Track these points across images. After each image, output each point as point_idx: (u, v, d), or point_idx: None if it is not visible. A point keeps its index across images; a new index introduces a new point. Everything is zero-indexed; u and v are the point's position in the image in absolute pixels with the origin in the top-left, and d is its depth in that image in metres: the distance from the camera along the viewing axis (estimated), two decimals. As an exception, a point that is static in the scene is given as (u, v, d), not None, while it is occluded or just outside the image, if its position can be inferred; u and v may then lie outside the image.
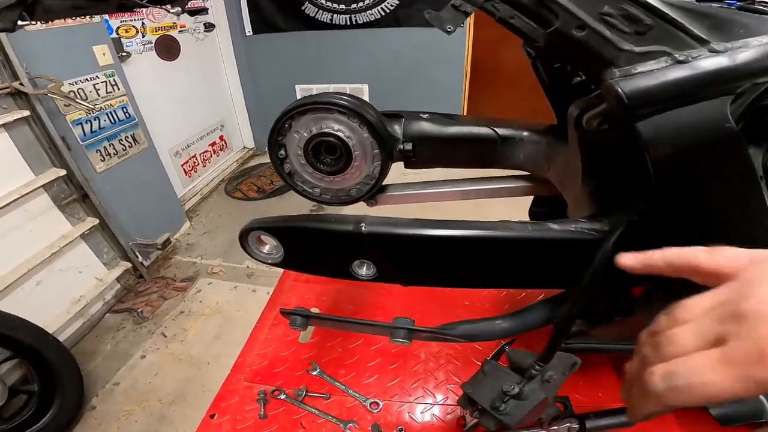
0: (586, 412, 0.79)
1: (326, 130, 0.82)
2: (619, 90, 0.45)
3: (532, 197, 0.98)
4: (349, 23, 3.75)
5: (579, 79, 0.86)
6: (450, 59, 3.76)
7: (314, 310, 1.14)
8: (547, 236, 0.53)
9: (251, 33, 4.01)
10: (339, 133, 0.82)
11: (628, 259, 0.38)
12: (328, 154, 0.84)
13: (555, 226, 0.53)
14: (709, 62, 0.44)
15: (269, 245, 0.65)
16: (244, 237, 0.63)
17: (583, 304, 0.51)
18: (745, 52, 0.44)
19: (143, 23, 3.04)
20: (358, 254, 0.59)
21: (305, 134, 0.84)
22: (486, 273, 0.59)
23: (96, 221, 2.42)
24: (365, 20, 3.70)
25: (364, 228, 0.55)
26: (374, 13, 3.66)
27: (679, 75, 0.45)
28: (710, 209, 0.46)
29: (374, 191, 0.87)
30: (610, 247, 0.49)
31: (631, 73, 0.47)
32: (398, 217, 0.55)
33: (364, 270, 0.61)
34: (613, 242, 0.49)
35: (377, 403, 0.90)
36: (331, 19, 3.75)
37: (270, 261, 0.65)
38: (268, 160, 0.91)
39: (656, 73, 0.45)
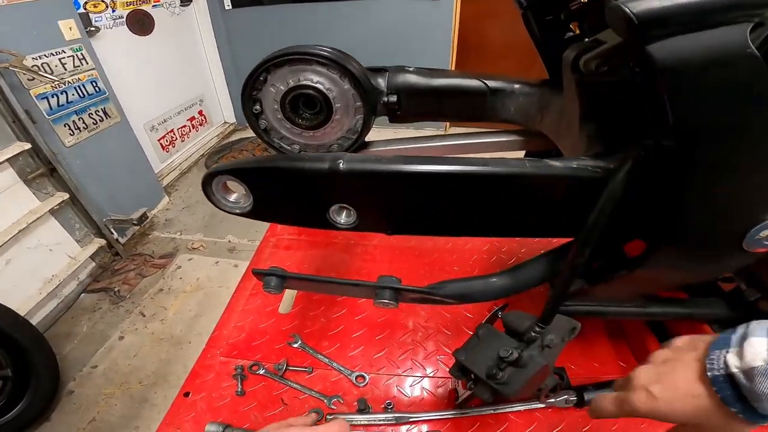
0: (584, 384, 0.76)
1: (305, 83, 0.77)
2: (628, 10, 0.40)
3: (523, 153, 0.94)
4: (333, -5, 3.62)
5: (571, 33, 0.82)
6: (437, 33, 3.67)
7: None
8: (547, 173, 0.48)
9: (230, 7, 3.88)
10: (318, 86, 0.77)
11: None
12: (307, 108, 0.79)
13: (556, 163, 0.49)
14: (726, -15, 0.40)
15: (237, 193, 0.59)
16: (207, 183, 0.56)
17: (588, 253, 0.47)
18: (764, -24, 0.40)
19: None
20: (336, 197, 0.53)
21: (282, 87, 0.78)
22: (479, 216, 0.54)
23: (66, 196, 2.31)
24: (350, -8, 3.58)
25: (342, 165, 0.49)
26: (359, -15, 3.53)
27: None
28: (727, 139, 0.42)
29: (356, 146, 0.82)
30: (618, 184, 0.44)
31: None
32: (380, 154, 0.50)
33: (343, 217, 0.55)
34: (621, 178, 0.45)
35: (363, 377, 0.86)
36: (315, -8, 3.62)
37: (238, 211, 0.58)
38: (250, 135, 0.85)
39: None
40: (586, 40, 0.77)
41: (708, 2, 0.40)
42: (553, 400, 0.75)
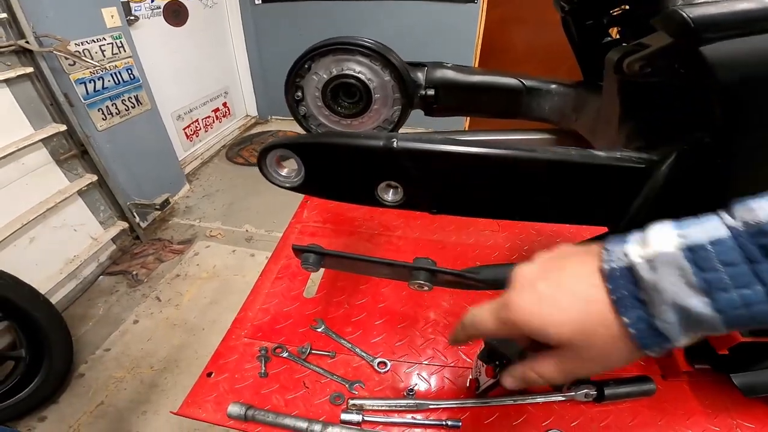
0: (604, 379, 0.76)
1: (347, 72, 0.79)
2: (685, 15, 0.43)
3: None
4: (359, -5, 3.66)
5: (610, 38, 0.83)
6: (461, 36, 3.70)
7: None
8: (591, 161, 0.50)
9: (260, 2, 3.95)
10: (360, 75, 0.79)
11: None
12: (347, 96, 0.81)
13: (600, 153, 0.51)
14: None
15: (288, 168, 0.61)
16: (262, 157, 0.58)
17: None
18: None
19: None
20: (387, 174, 0.55)
21: (324, 76, 0.80)
22: (522, 200, 0.56)
23: (94, 177, 2.38)
24: (377, -8, 3.62)
25: (396, 143, 0.52)
26: (386, -15, 3.57)
27: (746, 6, 0.43)
28: None
29: (396, 136, 0.84)
30: (662, 174, 0.46)
31: (694, 2, 0.45)
32: (432, 134, 0.52)
33: (390, 194, 0.57)
34: (666, 169, 0.47)
35: (385, 363, 0.86)
36: (342, -10, 3.67)
37: (288, 184, 0.61)
38: (270, 129, 0.87)
39: (721, 3, 0.43)
40: (624, 44, 0.79)
41: (756, 11, 0.43)
42: (573, 393, 0.76)
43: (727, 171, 0.47)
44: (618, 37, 0.81)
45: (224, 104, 4.20)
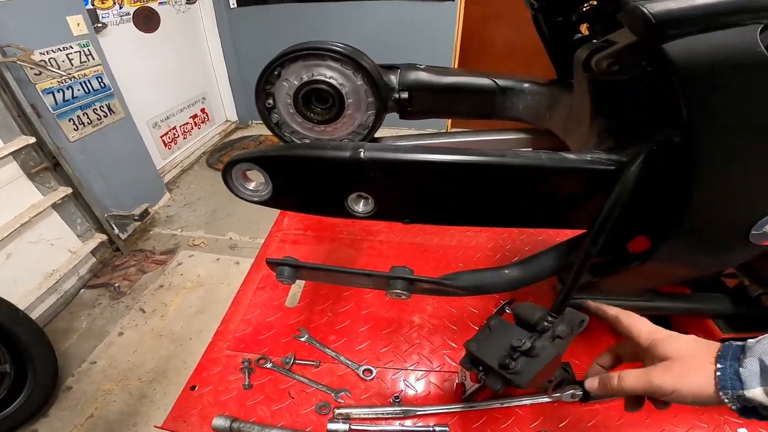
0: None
1: (318, 78, 0.78)
2: (646, 11, 0.42)
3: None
4: (337, -4, 3.64)
5: (579, 35, 0.83)
6: (441, 34, 3.69)
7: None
8: (562, 165, 0.50)
9: (235, 5, 3.89)
10: (332, 81, 0.78)
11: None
12: (320, 102, 0.80)
13: (571, 156, 0.50)
14: (736, -10, 0.43)
15: (256, 181, 0.59)
16: (227, 172, 0.56)
17: (601, 243, 0.48)
18: (772, -18, 0.42)
19: None
20: (355, 185, 0.54)
21: (295, 82, 0.79)
22: (495, 206, 0.55)
23: (68, 190, 2.31)
24: (354, -7, 3.59)
25: (363, 153, 0.51)
26: (363, -14, 3.55)
27: (706, 1, 0.43)
28: (738, 133, 0.44)
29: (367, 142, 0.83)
30: (632, 175, 0.46)
31: None
32: (400, 143, 0.51)
33: (361, 205, 0.56)
34: (635, 171, 0.46)
35: (370, 371, 0.86)
36: (319, -8, 3.63)
37: (256, 199, 0.59)
38: (252, 134, 0.86)
39: None
40: (594, 41, 0.79)
41: (719, 5, 0.42)
42: (559, 394, 0.76)
43: (696, 169, 0.46)
44: (588, 33, 0.81)
45: (202, 110, 4.12)
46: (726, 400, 0.44)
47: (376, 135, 0.88)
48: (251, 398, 0.83)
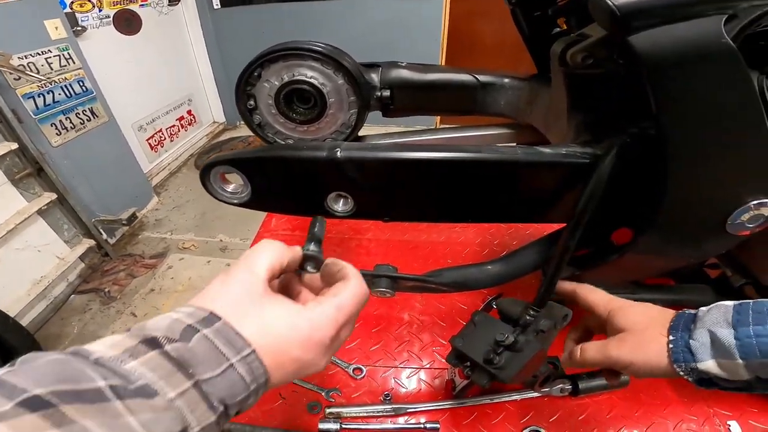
0: (577, 373, 0.78)
1: (299, 78, 0.77)
2: (610, 3, 0.42)
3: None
4: (323, -6, 3.62)
5: (558, 29, 0.84)
6: (427, 31, 3.69)
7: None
8: (538, 159, 0.50)
9: (219, 6, 3.86)
10: (313, 80, 0.77)
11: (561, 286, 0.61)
12: (301, 102, 0.79)
13: (546, 150, 0.50)
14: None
15: (234, 183, 0.59)
16: (205, 175, 0.56)
17: (578, 237, 0.49)
18: (734, -30, 0.43)
19: None
20: (334, 185, 0.54)
21: (276, 83, 0.78)
22: (474, 202, 0.55)
23: (53, 196, 2.29)
24: (340, -9, 3.58)
25: (339, 153, 0.50)
26: (349, -16, 3.54)
27: None
28: (707, 125, 0.44)
29: (350, 141, 0.83)
30: (605, 168, 0.46)
31: None
32: (376, 141, 0.51)
33: (340, 205, 0.56)
34: (608, 163, 0.47)
35: (360, 369, 0.86)
36: (305, -9, 3.61)
37: (236, 201, 0.59)
38: (240, 135, 0.85)
39: None
40: (572, 34, 0.79)
41: None
42: (548, 389, 0.76)
43: (667, 161, 0.47)
44: (565, 27, 0.81)
45: (189, 112, 4.09)
46: (681, 373, 0.44)
47: (361, 134, 0.88)
48: (242, 400, 0.83)
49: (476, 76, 0.80)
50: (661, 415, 0.76)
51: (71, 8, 2.72)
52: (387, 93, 0.80)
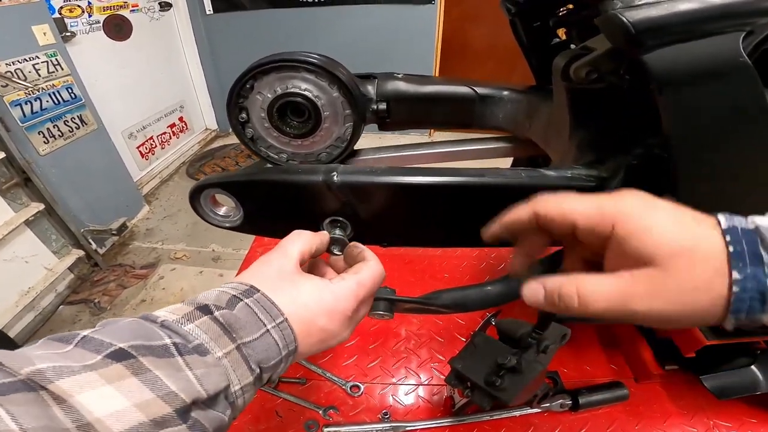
0: (578, 388, 0.77)
1: (293, 90, 0.75)
2: (625, 20, 0.40)
3: (511, 160, 0.94)
4: (316, 0, 3.61)
5: (558, 39, 0.83)
6: (421, 36, 3.68)
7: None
8: (542, 183, 0.48)
9: (211, 12, 3.82)
10: (307, 93, 0.75)
11: (489, 230, 0.43)
12: (295, 116, 0.77)
13: (550, 173, 0.49)
14: (717, -4, 0.41)
15: (226, 206, 0.57)
16: (195, 197, 0.53)
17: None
18: (756, -13, 0.41)
19: (89, 2, 2.89)
20: (330, 210, 0.52)
21: (269, 95, 0.76)
22: (476, 227, 0.53)
23: (41, 206, 2.24)
24: (333, -3, 3.57)
25: (336, 177, 0.48)
26: (343, -11, 3.53)
27: (688, 7, 0.41)
28: (720, 147, 0.43)
29: (346, 155, 0.81)
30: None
31: (634, 3, 0.42)
32: (375, 165, 0.49)
33: (338, 230, 0.54)
34: (615, 187, 0.45)
35: (358, 387, 0.84)
36: (298, -4, 3.60)
37: (228, 224, 0.56)
38: (233, 142, 0.83)
39: (663, 4, 0.41)
40: (572, 47, 0.78)
41: (701, 11, 0.41)
42: (548, 404, 0.75)
43: (677, 183, 0.45)
44: (565, 38, 0.80)
45: (180, 119, 4.04)
46: (731, 326, 0.29)
47: (356, 147, 0.86)
48: (238, 418, 0.80)
49: (474, 88, 0.79)
50: (661, 428, 0.75)
51: (60, 13, 2.68)
52: (383, 106, 0.78)
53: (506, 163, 0.96)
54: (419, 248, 1.16)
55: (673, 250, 0.30)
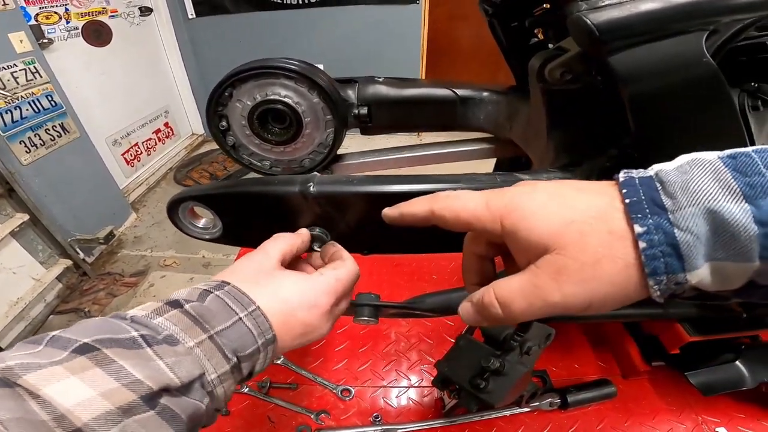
0: (566, 386, 0.77)
1: (272, 97, 0.75)
2: (589, 22, 0.40)
3: (494, 162, 0.95)
4: (301, 2, 3.59)
5: (536, 39, 0.83)
6: (406, 38, 3.68)
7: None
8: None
9: (194, 16, 3.79)
10: (287, 100, 0.75)
11: (389, 211, 0.40)
12: (276, 122, 0.77)
13: (526, 176, 0.49)
14: (680, -5, 0.41)
15: (205, 218, 0.56)
16: (173, 210, 0.53)
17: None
18: (717, -14, 0.41)
19: (66, 9, 2.85)
20: (309, 220, 0.52)
21: (249, 103, 0.76)
22: (454, 234, 0.53)
23: (26, 217, 2.21)
24: (318, -2, 3.56)
25: (312, 188, 0.48)
26: (327, -9, 3.52)
27: (651, 7, 0.41)
28: (688, 146, 0.43)
29: (329, 160, 0.80)
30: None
31: (599, 5, 0.43)
32: (351, 174, 0.49)
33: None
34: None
35: (349, 390, 0.85)
36: (282, -1, 3.58)
37: (207, 236, 0.56)
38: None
39: (626, 4, 0.41)
40: (550, 46, 0.78)
41: (663, 10, 0.41)
42: (537, 403, 0.76)
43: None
44: (543, 38, 0.80)
45: (166, 124, 4.00)
46: (656, 291, 0.25)
47: (341, 152, 0.86)
48: (230, 425, 0.80)
49: (455, 90, 0.79)
50: (650, 424, 0.76)
51: (36, 20, 2.63)
52: (365, 110, 0.78)
53: (491, 163, 0.97)
54: (404, 251, 1.16)
55: (557, 228, 0.28)
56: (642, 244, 0.25)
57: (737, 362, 0.73)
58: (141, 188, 3.52)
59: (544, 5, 0.77)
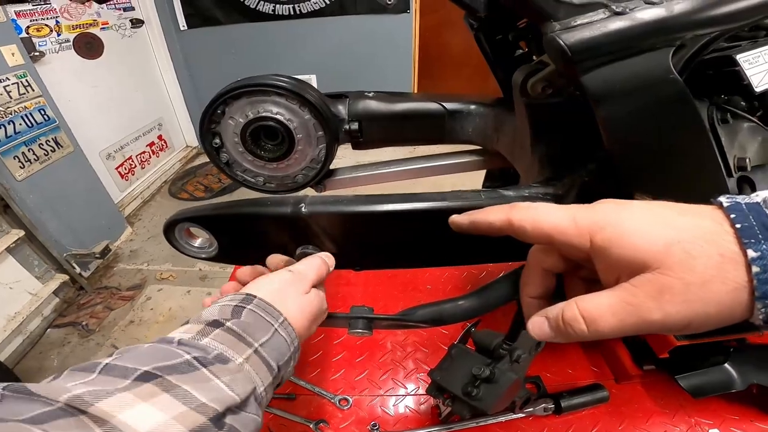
0: (560, 391, 0.79)
1: (264, 114, 0.76)
2: (561, 42, 0.42)
3: (484, 173, 0.96)
4: (292, 13, 3.61)
5: (521, 51, 0.85)
6: (398, 46, 3.72)
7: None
8: (502, 203, 0.50)
9: (186, 27, 3.80)
10: (278, 116, 0.76)
11: (458, 219, 0.41)
12: (269, 139, 0.78)
13: (509, 192, 0.50)
14: (646, 13, 0.43)
15: (201, 238, 0.58)
16: (170, 231, 0.55)
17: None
18: (682, 3, 0.43)
19: (57, 21, 2.85)
20: (301, 239, 0.53)
21: (241, 120, 0.77)
22: (441, 248, 0.55)
23: (21, 233, 2.21)
24: (309, 9, 3.58)
25: (304, 209, 0.50)
26: (318, 2, 3.54)
27: (619, 26, 0.43)
28: (659, 162, 0.45)
29: (322, 176, 0.82)
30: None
31: (571, 25, 0.44)
32: (341, 195, 0.50)
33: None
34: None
35: (347, 400, 0.86)
36: (274, 10, 3.61)
37: (204, 255, 0.58)
38: None
39: (596, 24, 0.43)
40: (535, 58, 0.80)
41: (630, 29, 0.43)
42: (532, 409, 0.77)
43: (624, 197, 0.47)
44: (527, 50, 0.82)
45: (159, 137, 3.99)
46: (761, 317, 0.25)
47: (337, 157, 0.87)
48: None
49: (443, 104, 0.81)
50: (644, 428, 0.77)
51: (27, 33, 2.63)
52: (355, 126, 0.80)
53: (481, 174, 0.98)
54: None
55: (661, 247, 0.27)
56: (755, 269, 0.25)
57: (726, 365, 0.74)
58: (136, 202, 3.51)
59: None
